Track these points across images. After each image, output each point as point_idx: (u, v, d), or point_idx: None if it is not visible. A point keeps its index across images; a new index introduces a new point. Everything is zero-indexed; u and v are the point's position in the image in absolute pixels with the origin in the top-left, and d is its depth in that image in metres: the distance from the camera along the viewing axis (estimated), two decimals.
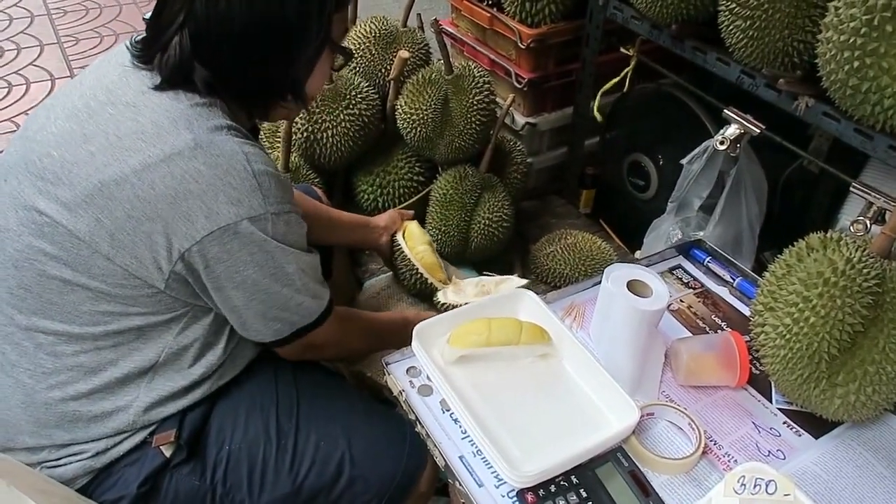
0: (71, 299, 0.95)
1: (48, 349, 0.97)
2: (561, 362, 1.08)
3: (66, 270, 0.94)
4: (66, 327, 0.96)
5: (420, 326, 1.06)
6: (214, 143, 0.91)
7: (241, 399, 1.10)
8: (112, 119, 0.93)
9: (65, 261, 0.93)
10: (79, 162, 0.92)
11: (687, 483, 0.95)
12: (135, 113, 0.92)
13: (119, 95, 0.95)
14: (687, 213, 1.67)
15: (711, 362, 1.08)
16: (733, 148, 1.43)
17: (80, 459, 1.00)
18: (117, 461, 1.01)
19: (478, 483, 0.93)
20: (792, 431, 1.04)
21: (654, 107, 1.95)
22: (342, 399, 1.18)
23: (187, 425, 1.03)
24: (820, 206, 1.75)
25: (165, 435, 1.01)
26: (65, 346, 0.97)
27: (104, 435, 1.00)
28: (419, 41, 1.86)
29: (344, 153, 1.73)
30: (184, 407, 1.04)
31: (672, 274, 1.35)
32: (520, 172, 1.86)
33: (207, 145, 0.91)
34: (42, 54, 3.21)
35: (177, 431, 1.02)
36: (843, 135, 1.25)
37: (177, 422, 1.03)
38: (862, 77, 1.10)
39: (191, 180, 0.90)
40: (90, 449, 1.00)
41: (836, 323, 0.92)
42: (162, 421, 1.03)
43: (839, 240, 0.99)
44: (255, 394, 1.11)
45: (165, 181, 0.90)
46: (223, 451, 1.05)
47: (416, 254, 1.60)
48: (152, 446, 1.01)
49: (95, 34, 3.45)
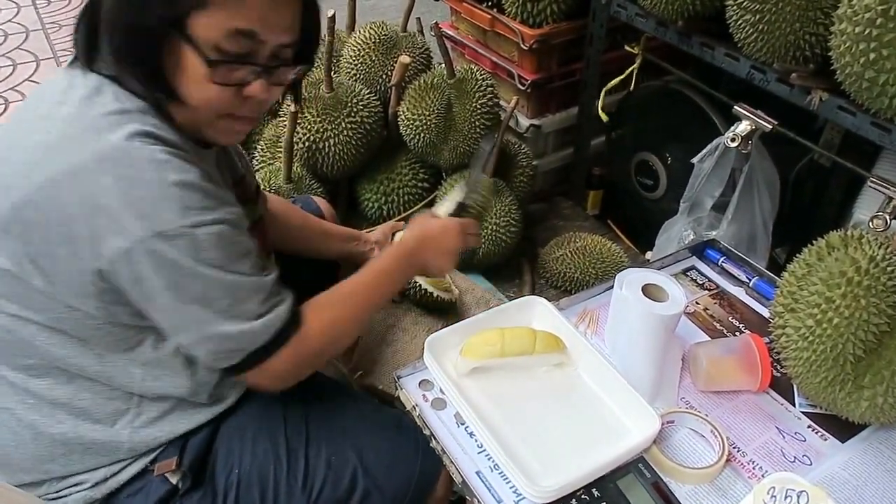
0: (23, 335, 0.91)
1: (22, 386, 0.94)
2: (577, 371, 1.06)
3: (11, 307, 0.90)
4: (30, 361, 0.93)
5: (431, 338, 1.04)
6: (125, 152, 0.82)
7: (248, 421, 1.08)
8: (25, 135, 0.87)
9: (7, 297, 0.89)
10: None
11: (711, 493, 0.92)
12: (46, 125, 0.86)
13: (34, 109, 0.89)
14: (699, 212, 1.65)
15: (732, 366, 1.05)
16: (745, 145, 1.40)
17: (80, 490, 0.97)
18: (119, 490, 0.99)
19: (496, 499, 0.90)
20: (817, 436, 1.01)
21: (660, 105, 1.92)
22: (352, 411, 1.15)
23: (189, 451, 1.00)
24: (832, 200, 1.72)
25: (167, 463, 0.98)
26: (37, 381, 0.94)
27: (101, 464, 0.98)
28: (419, 45, 1.84)
29: (347, 162, 1.70)
30: (184, 432, 1.01)
31: (686, 275, 1.32)
32: (525, 175, 1.84)
33: (117, 156, 0.82)
34: (38, 69, 3.20)
35: (178, 459, 0.99)
36: (859, 129, 1.22)
37: (178, 448, 1.00)
38: (879, 69, 1.07)
39: (99, 195, 0.81)
40: (89, 479, 0.98)
41: (861, 323, 0.89)
42: (162, 448, 1.00)
43: (860, 237, 0.96)
44: (261, 414, 1.08)
45: (73, 199, 0.82)
46: (233, 476, 1.03)
47: None
48: (154, 474, 0.99)
49: None
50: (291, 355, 0.96)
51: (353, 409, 1.14)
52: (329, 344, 1.04)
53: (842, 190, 1.69)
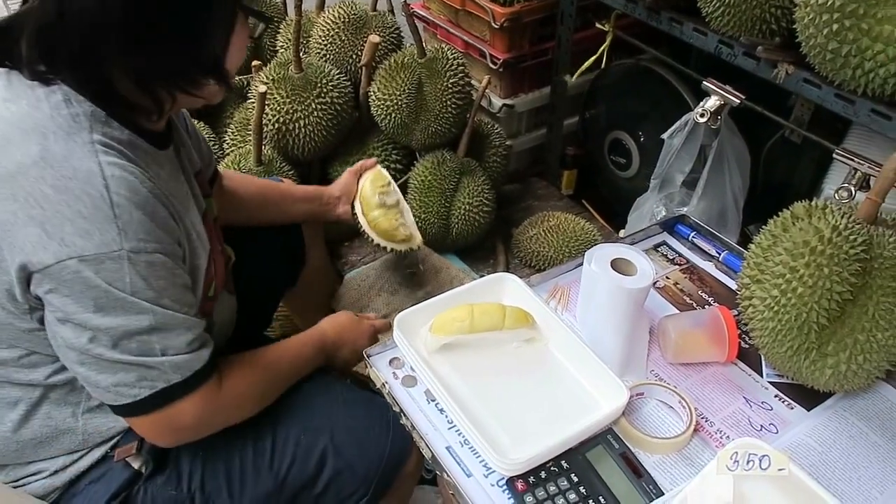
0: None
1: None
2: (547, 346, 1.06)
3: None
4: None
5: (401, 316, 1.03)
6: (69, 160, 0.78)
7: None
8: None
9: None
10: None
11: (679, 462, 0.93)
12: None
13: None
14: (670, 189, 1.65)
15: (700, 338, 1.06)
16: (714, 120, 1.41)
17: (40, 478, 0.97)
18: (81, 477, 0.98)
19: (466, 473, 0.90)
20: (784, 404, 1.02)
21: (632, 83, 1.92)
22: (322, 389, 1.15)
23: None
24: (804, 176, 1.74)
25: (127, 448, 0.97)
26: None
27: (59, 454, 0.97)
28: (390, 25, 1.82)
29: (318, 143, 1.69)
30: None
31: (657, 251, 1.33)
32: (499, 155, 1.83)
33: (59, 163, 0.77)
34: None
35: (138, 443, 0.98)
36: (824, 101, 1.23)
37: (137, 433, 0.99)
38: (842, 40, 1.08)
39: (34, 204, 0.77)
40: (49, 467, 0.97)
41: (825, 292, 0.90)
42: (121, 434, 0.99)
43: (824, 207, 0.97)
44: None
45: (6, 205, 0.77)
46: (197, 458, 1.02)
47: (370, 221, 1.47)
48: (115, 460, 0.98)
49: None
50: (201, 403, 0.92)
51: (322, 389, 1.13)
52: (238, 404, 1.00)
53: (813, 166, 1.71)
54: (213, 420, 0.97)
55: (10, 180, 0.78)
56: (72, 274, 0.78)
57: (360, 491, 1.12)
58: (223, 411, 0.97)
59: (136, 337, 0.84)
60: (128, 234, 0.79)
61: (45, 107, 0.80)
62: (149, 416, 0.89)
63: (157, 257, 0.83)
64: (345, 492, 1.11)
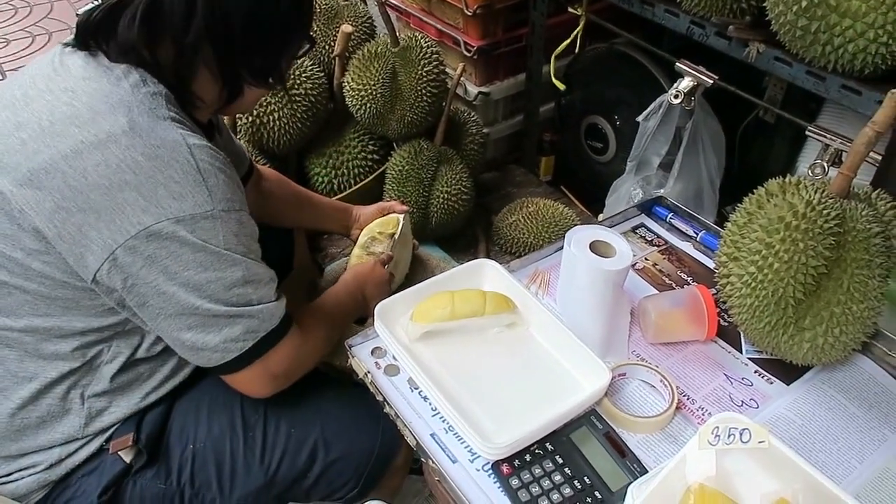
0: (8, 303, 0.90)
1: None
2: (528, 330, 1.06)
3: (2, 272, 0.88)
4: (4, 332, 0.91)
5: (381, 305, 1.03)
6: (155, 131, 0.84)
7: (202, 396, 1.06)
8: (48, 105, 0.86)
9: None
10: (9, 150, 0.86)
11: (663, 440, 0.94)
12: (71, 98, 0.86)
13: (58, 82, 0.88)
14: (647, 171, 1.66)
15: (680, 318, 1.06)
16: (688, 101, 1.41)
17: (33, 473, 0.95)
18: (74, 471, 0.97)
19: (451, 459, 0.90)
20: (763, 380, 1.04)
21: (607, 67, 1.92)
22: (311, 384, 1.14)
23: (145, 428, 0.99)
24: (779, 155, 1.75)
25: (123, 440, 0.97)
26: (6, 350, 0.92)
27: (56, 443, 0.96)
28: (362, 14, 1.81)
29: (293, 136, 1.67)
30: (139, 409, 0.99)
31: (635, 233, 1.33)
32: (476, 143, 1.83)
33: (147, 133, 0.84)
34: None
35: (134, 435, 0.97)
36: (796, 78, 1.23)
37: (133, 425, 0.98)
38: (811, 17, 1.08)
39: (127, 170, 0.83)
40: (43, 461, 0.95)
41: (800, 267, 0.91)
42: (117, 425, 0.98)
43: (798, 183, 0.98)
44: (216, 389, 1.06)
45: (99, 169, 0.83)
46: (188, 451, 1.01)
47: (350, 254, 1.50)
48: (109, 453, 0.97)
49: (27, 34, 3.30)
50: (291, 348, 0.99)
51: (312, 383, 1.13)
52: (316, 346, 1.07)
53: (787, 145, 1.72)
54: (301, 363, 1.04)
55: (102, 147, 0.83)
56: (170, 234, 0.84)
57: (351, 483, 1.12)
58: (308, 354, 1.04)
59: (234, 289, 0.90)
60: (216, 196, 0.86)
61: (126, 84, 0.86)
62: (251, 367, 0.96)
63: (243, 215, 0.91)
64: (335, 484, 1.11)
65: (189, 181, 0.84)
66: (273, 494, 1.07)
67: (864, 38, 1.07)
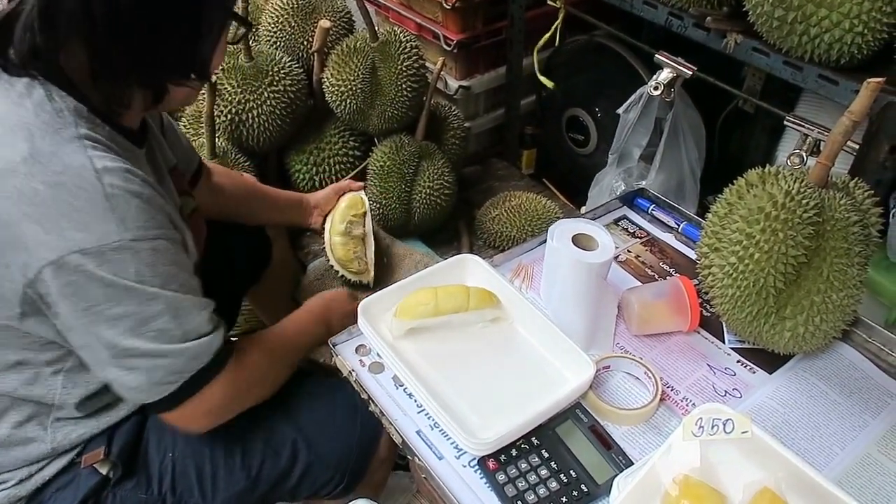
0: None
1: None
2: (512, 325, 1.06)
3: None
4: None
5: (365, 302, 1.02)
6: (58, 156, 0.77)
7: None
8: None
9: None
10: None
11: (647, 432, 0.94)
12: None
13: None
14: (628, 163, 1.66)
15: (662, 309, 1.07)
16: (667, 93, 1.42)
17: (3, 489, 0.93)
18: (46, 486, 0.95)
19: (438, 456, 0.90)
20: (746, 369, 1.04)
21: (587, 60, 1.92)
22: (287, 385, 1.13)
23: (117, 440, 0.97)
24: (758, 146, 1.77)
25: (94, 454, 0.95)
26: None
27: (25, 462, 0.94)
28: (340, 9, 1.79)
29: (273, 133, 1.65)
30: (109, 424, 0.97)
31: (618, 225, 1.34)
32: (458, 137, 1.82)
33: (48, 159, 0.76)
34: None
35: (106, 448, 0.96)
36: (773, 68, 1.24)
37: (105, 439, 0.96)
38: (787, 7, 1.09)
39: (27, 202, 0.76)
40: (12, 477, 0.94)
41: (780, 256, 0.92)
42: (87, 441, 0.97)
43: (777, 174, 0.98)
44: None
45: (0, 203, 0.76)
46: (167, 460, 1.00)
47: (332, 244, 1.50)
48: (82, 467, 0.95)
49: None
50: (228, 383, 0.93)
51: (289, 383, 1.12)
52: (259, 379, 1.02)
53: (766, 135, 1.73)
54: (241, 397, 0.99)
55: (1, 179, 0.77)
56: (75, 268, 0.77)
57: (335, 480, 1.11)
58: (248, 388, 0.99)
59: (152, 324, 0.83)
60: (127, 224, 0.79)
61: (28, 104, 0.79)
62: (184, 405, 0.90)
63: (161, 243, 0.83)
64: (319, 481, 1.11)
65: (95, 210, 0.77)
66: (257, 496, 1.06)
67: (839, 28, 1.07)
